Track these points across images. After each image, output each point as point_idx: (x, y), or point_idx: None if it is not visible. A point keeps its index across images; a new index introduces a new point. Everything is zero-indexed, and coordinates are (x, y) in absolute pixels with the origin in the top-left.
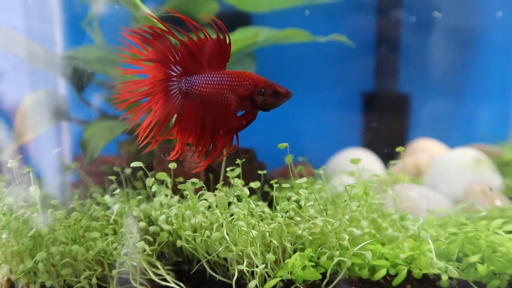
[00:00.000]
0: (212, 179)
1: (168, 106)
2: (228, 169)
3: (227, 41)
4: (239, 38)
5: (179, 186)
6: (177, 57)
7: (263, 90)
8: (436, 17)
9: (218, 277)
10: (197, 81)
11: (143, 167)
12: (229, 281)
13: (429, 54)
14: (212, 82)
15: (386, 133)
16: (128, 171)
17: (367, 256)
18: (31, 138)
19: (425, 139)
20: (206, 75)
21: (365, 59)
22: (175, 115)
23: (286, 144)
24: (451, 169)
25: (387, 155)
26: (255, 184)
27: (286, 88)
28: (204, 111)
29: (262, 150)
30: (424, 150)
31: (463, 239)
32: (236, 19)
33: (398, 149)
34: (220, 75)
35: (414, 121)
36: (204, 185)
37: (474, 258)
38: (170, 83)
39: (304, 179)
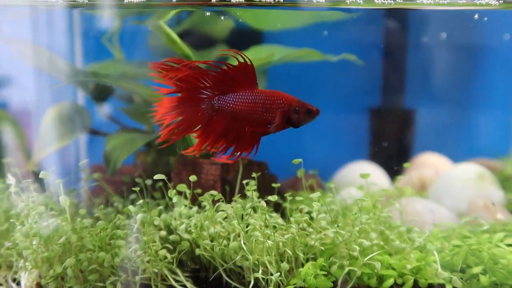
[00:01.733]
0: (228, 191)
1: (196, 117)
2: (244, 181)
3: (251, 64)
4: (255, 58)
5: (200, 198)
6: (208, 81)
7: (297, 108)
8: (442, 36)
9: (234, 283)
10: (231, 99)
11: (165, 179)
12: None
13: (434, 70)
14: (246, 100)
15: (392, 147)
16: (148, 182)
17: (376, 266)
18: (56, 149)
19: (430, 153)
20: (240, 93)
21: (373, 75)
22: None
23: (300, 160)
24: (455, 184)
25: (392, 168)
26: (273, 198)
27: (315, 106)
28: (232, 126)
29: (270, 161)
30: (429, 164)
31: (467, 251)
32: (249, 36)
33: (406, 165)
34: (254, 94)
35: (419, 135)
36: (222, 197)
37: (477, 270)
38: (202, 102)
39: (318, 194)
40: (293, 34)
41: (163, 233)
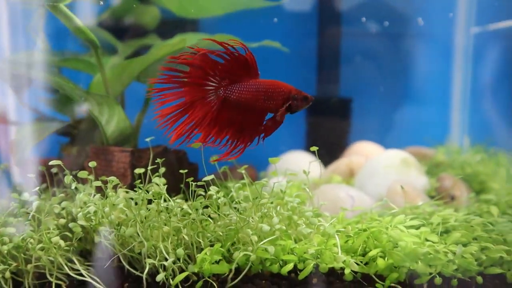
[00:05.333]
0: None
1: (205, 110)
2: (149, 167)
3: (252, 55)
4: (167, 43)
5: (93, 183)
6: (216, 71)
7: (296, 96)
8: (376, 25)
9: (137, 273)
10: (236, 88)
11: (62, 165)
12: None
13: (369, 60)
14: (250, 90)
15: (328, 136)
16: (54, 170)
17: (270, 251)
18: None
19: (365, 142)
20: (244, 83)
21: (308, 65)
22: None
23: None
24: (379, 170)
25: (328, 157)
26: (160, 181)
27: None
28: (236, 117)
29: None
30: (361, 152)
31: (368, 235)
32: (182, 25)
33: (312, 148)
34: (256, 84)
35: (355, 124)
36: (119, 182)
37: (373, 252)
38: (208, 93)
39: (211, 177)
40: (231, 22)
41: (63, 220)
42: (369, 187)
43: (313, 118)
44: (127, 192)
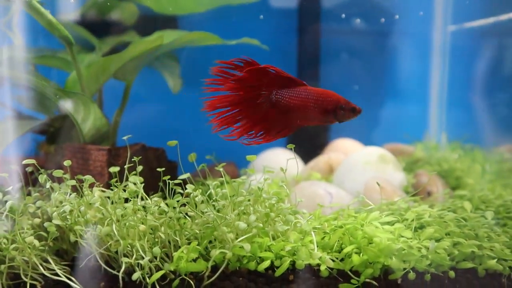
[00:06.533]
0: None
1: (254, 110)
2: (125, 166)
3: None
4: (144, 40)
5: (67, 182)
6: (267, 79)
7: (343, 106)
8: (356, 23)
9: (114, 272)
10: (287, 94)
11: (36, 164)
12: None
13: (349, 58)
14: (300, 96)
15: (309, 133)
16: (29, 169)
17: (246, 248)
18: None
19: (344, 139)
20: (295, 89)
21: (287, 62)
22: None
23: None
24: (357, 167)
25: (309, 155)
26: (139, 179)
27: (358, 105)
28: (281, 119)
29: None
30: (341, 149)
31: (343, 231)
32: (161, 22)
33: (289, 146)
34: (307, 91)
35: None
36: (95, 181)
37: (348, 249)
38: (261, 97)
39: (187, 175)
40: (211, 19)
41: (37, 220)
42: (347, 184)
43: None
44: (103, 191)
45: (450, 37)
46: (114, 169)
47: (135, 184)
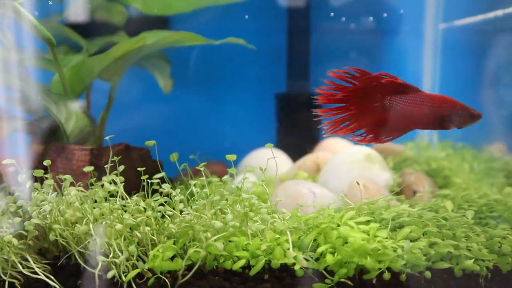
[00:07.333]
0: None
1: (367, 112)
2: (106, 166)
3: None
4: (127, 41)
5: (47, 182)
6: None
7: (460, 112)
8: (346, 20)
9: (93, 270)
10: (401, 99)
11: (15, 164)
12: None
13: (340, 56)
14: (415, 102)
15: (298, 132)
16: (12, 169)
17: (219, 247)
18: None
19: (334, 138)
20: (410, 95)
21: (278, 61)
22: None
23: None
24: (343, 166)
25: (298, 154)
26: (119, 179)
27: (477, 111)
28: (394, 122)
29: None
30: (331, 148)
31: (319, 231)
32: (151, 22)
33: (267, 145)
34: (422, 97)
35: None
36: (72, 180)
37: (322, 248)
38: (375, 100)
39: (162, 174)
40: (202, 20)
41: (18, 219)
42: (333, 183)
43: (283, 114)
44: (82, 190)
45: (441, 34)
46: (89, 169)
47: (110, 183)
